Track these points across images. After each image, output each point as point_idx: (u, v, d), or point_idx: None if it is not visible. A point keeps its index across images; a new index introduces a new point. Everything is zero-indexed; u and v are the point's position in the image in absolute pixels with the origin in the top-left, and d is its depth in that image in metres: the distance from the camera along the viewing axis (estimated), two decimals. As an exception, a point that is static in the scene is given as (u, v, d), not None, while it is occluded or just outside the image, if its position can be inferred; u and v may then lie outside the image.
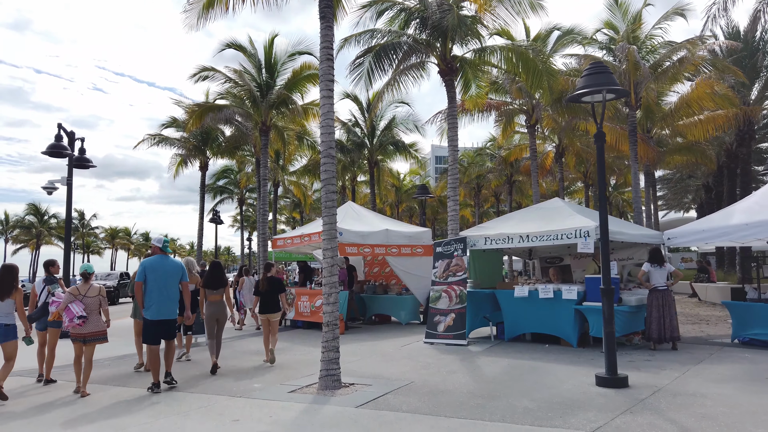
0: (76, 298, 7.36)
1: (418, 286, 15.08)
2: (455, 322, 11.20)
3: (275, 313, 9.65)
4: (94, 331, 7.42)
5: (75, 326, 7.24)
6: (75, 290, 7.48)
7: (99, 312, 7.53)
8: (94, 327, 7.42)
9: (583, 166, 29.19)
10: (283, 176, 28.01)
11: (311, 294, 14.49)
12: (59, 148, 13.63)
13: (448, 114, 12.71)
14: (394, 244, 14.74)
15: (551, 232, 10.63)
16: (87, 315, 7.32)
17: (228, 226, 60.46)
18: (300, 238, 15.11)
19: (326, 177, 7.73)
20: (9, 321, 7.08)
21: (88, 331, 7.34)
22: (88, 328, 7.32)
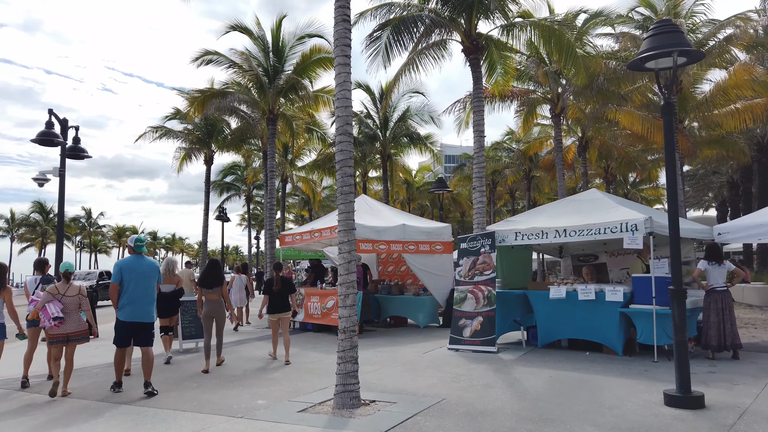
0: (54, 298, 7.12)
1: (438, 286, 13.93)
2: (483, 327, 10.04)
3: (287, 312, 9.60)
4: (75, 330, 7.18)
5: (52, 327, 7.01)
6: (54, 289, 7.22)
7: (79, 311, 7.28)
8: (75, 327, 7.18)
9: (604, 161, 27.90)
10: (291, 171, 26.91)
11: (322, 294, 13.37)
12: (50, 136, 12.54)
13: (474, 96, 11.56)
14: (412, 241, 13.59)
15: (592, 225, 9.45)
16: (65, 315, 7.09)
17: (235, 224, 59.63)
18: (310, 234, 13.99)
19: (342, 158, 6.59)
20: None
21: (70, 331, 7.13)
22: (68, 328, 7.10)
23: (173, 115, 21.82)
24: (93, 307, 13.70)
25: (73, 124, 13.89)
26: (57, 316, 7.00)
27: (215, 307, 8.97)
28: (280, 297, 9.48)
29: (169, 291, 9.59)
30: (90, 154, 14.03)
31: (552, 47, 11.35)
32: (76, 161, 13.27)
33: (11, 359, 8.87)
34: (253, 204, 41.81)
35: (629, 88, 15.47)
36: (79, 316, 7.27)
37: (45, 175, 13.76)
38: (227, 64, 14.37)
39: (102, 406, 6.57)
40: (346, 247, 6.56)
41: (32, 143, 13.33)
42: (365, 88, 21.31)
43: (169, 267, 9.88)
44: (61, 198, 13.27)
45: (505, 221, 11.28)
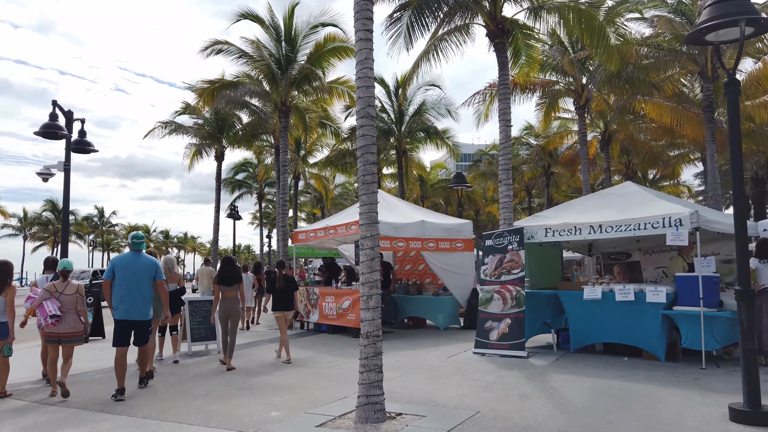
0: (52, 296, 6.99)
1: (458, 286, 13.26)
2: (511, 330, 9.35)
3: (290, 311, 9.57)
4: (70, 331, 7.01)
5: (48, 325, 6.86)
6: (52, 287, 7.07)
7: (77, 311, 7.12)
8: (70, 327, 7.00)
9: (625, 157, 27.01)
10: (303, 168, 26.29)
11: (337, 294, 12.74)
12: (54, 128, 12.01)
13: (500, 83, 10.84)
14: (431, 238, 12.91)
15: (631, 221, 8.73)
16: (63, 314, 6.93)
17: (247, 223, 59.21)
18: (324, 231, 13.36)
19: (364, 144, 5.94)
20: (2, 319, 6.77)
21: (64, 331, 6.95)
22: (63, 328, 6.92)
23: (183, 110, 21.30)
24: (99, 306, 13.17)
25: (79, 117, 13.35)
26: (54, 314, 6.84)
27: (233, 305, 8.87)
28: (283, 295, 9.45)
29: (171, 290, 9.15)
30: (96, 148, 13.47)
31: (582, 30, 10.61)
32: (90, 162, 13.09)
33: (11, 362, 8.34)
34: (264, 202, 41.29)
35: (660, 77, 14.69)
36: (75, 316, 7.09)
37: (50, 170, 13.24)
38: (237, 54, 13.76)
39: (99, 417, 5.97)
40: (369, 242, 5.90)
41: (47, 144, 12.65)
42: (380, 81, 20.61)
43: (168, 265, 9.48)
44: (66, 194, 12.72)
45: (534, 216, 10.58)
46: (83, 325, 7.18)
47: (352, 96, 15.53)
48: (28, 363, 9.28)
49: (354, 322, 11.97)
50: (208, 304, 10.74)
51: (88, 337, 12.63)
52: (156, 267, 7.25)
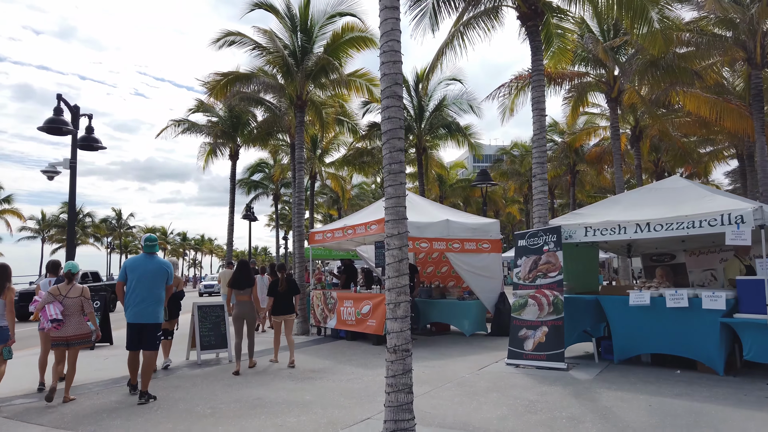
0: (56, 299, 6.89)
1: (485, 289, 12.41)
2: (549, 339, 8.49)
3: (291, 315, 9.40)
4: (76, 333, 6.93)
5: (51, 329, 6.82)
6: (56, 290, 6.98)
7: (81, 313, 7.02)
8: (76, 329, 6.92)
9: (653, 154, 25.90)
10: (320, 167, 25.58)
11: (356, 299, 11.97)
12: (58, 123, 11.43)
13: (533, 69, 9.99)
14: (456, 238, 12.10)
15: (683, 218, 7.83)
16: (66, 317, 6.86)
17: (263, 225, 58.77)
18: (342, 231, 12.60)
19: (391, 128, 5.16)
20: (1, 323, 6.49)
21: (70, 334, 6.88)
22: (68, 331, 6.86)
23: (197, 108, 20.73)
24: (106, 312, 12.54)
25: (86, 113, 12.77)
26: (55, 318, 6.75)
27: (246, 309, 8.84)
28: (284, 298, 9.31)
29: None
30: (104, 145, 12.90)
31: (622, 10, 9.72)
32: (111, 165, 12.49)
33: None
34: (281, 203, 40.72)
35: (701, 66, 13.70)
36: (80, 319, 6.98)
37: (55, 168, 12.66)
38: (251, 46, 13.07)
39: (91, 442, 5.25)
40: (396, 242, 5.11)
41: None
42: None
43: None
44: (72, 192, 12.14)
45: (571, 214, 9.70)
46: (89, 327, 7.09)
47: (371, 90, 14.79)
48: (24, 373, 8.64)
49: (374, 328, 11.20)
50: (219, 309, 10.05)
51: (95, 344, 12.02)
52: (168, 271, 7.16)
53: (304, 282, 14.37)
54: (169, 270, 7.20)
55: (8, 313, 6.56)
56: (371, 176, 30.85)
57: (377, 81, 14.89)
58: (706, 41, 12.28)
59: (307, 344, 11.82)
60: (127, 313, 6.86)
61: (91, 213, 60.82)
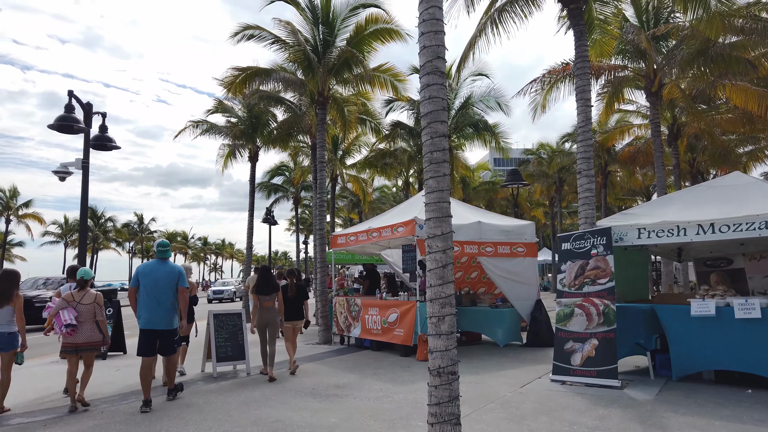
0: (69, 305, 6.86)
1: (520, 296, 11.57)
2: (599, 352, 7.62)
3: (300, 321, 9.27)
4: (88, 341, 6.87)
5: (64, 335, 6.74)
6: (69, 296, 6.93)
7: (94, 321, 6.96)
8: (87, 337, 6.87)
9: (688, 155, 24.68)
10: (341, 169, 24.89)
11: (382, 306, 11.20)
12: (69, 121, 10.89)
13: (576, 55, 9.14)
14: (489, 241, 11.29)
15: (754, 218, 6.97)
16: (79, 324, 6.81)
17: (284, 229, 58.38)
18: (366, 234, 11.86)
19: (432, 109, 4.40)
20: (10, 329, 6.65)
21: (81, 341, 6.82)
22: (80, 338, 6.81)
23: (215, 109, 20.21)
24: (119, 319, 11.95)
25: (99, 111, 12.24)
26: (70, 323, 6.70)
27: (271, 315, 8.69)
28: (294, 304, 9.13)
29: None
30: (118, 145, 12.35)
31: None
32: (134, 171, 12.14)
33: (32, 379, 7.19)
34: (301, 207, 40.17)
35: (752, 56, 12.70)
36: (92, 326, 6.94)
37: (67, 168, 12.14)
38: (271, 39, 12.44)
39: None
40: (439, 243, 4.35)
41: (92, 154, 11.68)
42: (423, 72, 19.04)
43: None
44: (84, 193, 11.60)
45: (621, 214, 8.83)
46: (102, 335, 7.01)
47: (395, 86, 14.04)
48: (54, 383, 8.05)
49: (402, 338, 10.42)
50: (236, 317, 9.37)
51: (107, 353, 11.44)
52: (180, 275, 6.99)
53: (326, 288, 13.63)
54: (182, 274, 7.02)
55: (18, 320, 6.68)
56: (393, 179, 30.01)
57: (402, 76, 14.16)
58: (762, 27, 11.28)
59: (329, 355, 11.09)
60: (139, 319, 6.73)
61: (112, 218, 61.00)
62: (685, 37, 12.82)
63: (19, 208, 42.38)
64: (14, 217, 42.37)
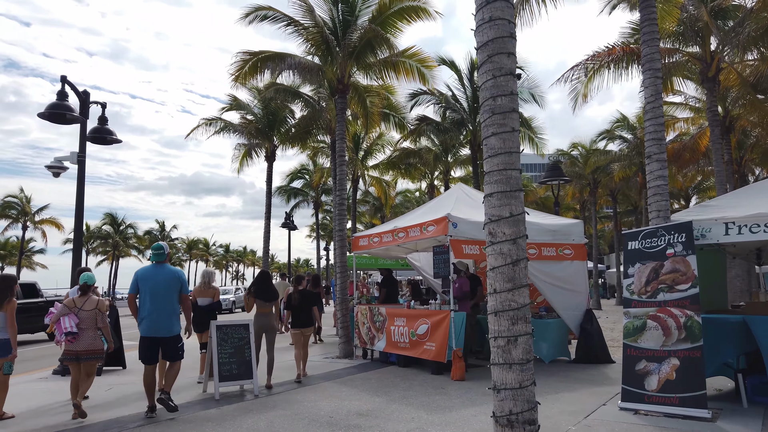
0: (71, 311, 6.69)
1: (568, 305, 10.15)
2: (681, 375, 6.17)
3: (309, 328, 9.06)
4: (88, 349, 6.66)
5: (65, 342, 6.60)
6: (71, 302, 6.78)
7: (96, 328, 6.76)
8: (88, 345, 6.67)
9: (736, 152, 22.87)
10: (363, 170, 23.64)
11: (410, 316, 9.86)
12: (62, 109, 9.83)
13: (642, 18, 7.72)
14: (533, 242, 9.87)
15: None
16: (81, 331, 6.64)
17: (305, 236, 57.47)
18: (392, 235, 10.54)
19: (495, 36, 3.05)
20: (2, 336, 6.46)
21: (82, 349, 6.62)
22: (80, 345, 6.61)
23: (231, 106, 19.18)
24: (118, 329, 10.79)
25: (99, 100, 11.19)
26: (70, 330, 6.51)
27: (267, 321, 8.44)
28: (301, 311, 8.94)
29: (205, 304, 8.65)
30: (118, 138, 11.29)
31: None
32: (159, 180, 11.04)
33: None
34: (322, 213, 39.05)
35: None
36: (94, 333, 6.72)
37: (61, 163, 11.08)
38: (285, 21, 11.27)
39: None
40: (507, 228, 3.13)
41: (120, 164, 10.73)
42: (450, 65, 17.68)
43: (206, 279, 8.94)
44: (80, 189, 10.51)
45: (700, 207, 7.40)
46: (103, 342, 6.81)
47: (423, 73, 12.72)
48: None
49: (434, 353, 9.06)
50: (242, 329, 8.12)
51: (102, 368, 10.26)
52: (180, 280, 6.70)
53: (347, 295, 12.33)
54: (182, 279, 6.75)
55: (9, 327, 6.46)
56: (417, 181, 28.66)
57: (430, 62, 12.83)
58: None
59: (350, 371, 9.77)
60: (140, 325, 6.49)
61: (132, 224, 60.59)
62: (751, 12, 11.31)
63: (35, 213, 42.07)
64: (31, 223, 42.03)
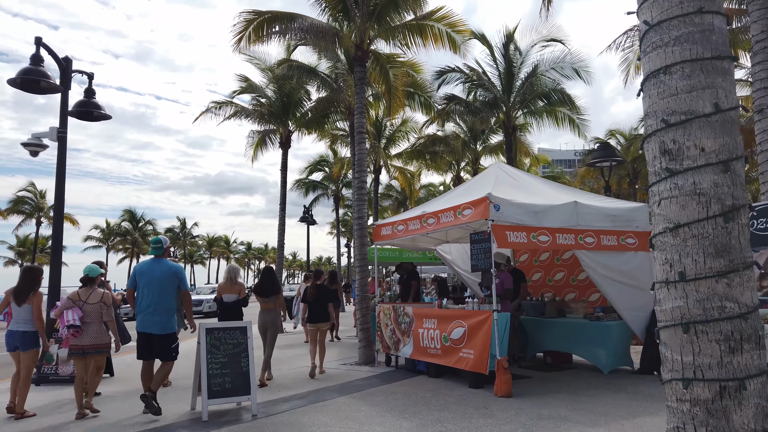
0: (75, 305, 6.45)
1: (632, 305, 8.48)
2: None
3: (325, 323, 9.03)
4: (94, 343, 6.45)
5: (69, 336, 6.37)
6: (75, 295, 6.55)
7: (101, 321, 6.53)
8: (94, 339, 6.45)
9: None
10: (385, 159, 22.02)
11: (442, 317, 8.27)
12: (36, 75, 8.46)
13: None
14: (590, 229, 8.21)
15: None
16: (85, 325, 6.40)
17: (326, 233, 56.14)
18: (419, 221, 8.94)
19: None
20: (28, 328, 6.45)
21: (87, 344, 6.41)
22: (85, 340, 6.40)
23: (243, 89, 17.77)
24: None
25: (84, 70, 9.83)
26: (72, 324, 6.31)
27: (271, 317, 8.43)
28: (317, 306, 9.04)
29: (231, 301, 8.30)
30: (107, 114, 9.93)
31: None
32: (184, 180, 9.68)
33: None
34: (343, 208, 37.61)
35: None
36: (99, 327, 6.57)
37: (40, 140, 9.71)
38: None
39: None
40: (708, 136, 1.44)
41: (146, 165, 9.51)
42: (480, 38, 15.90)
43: (231, 275, 8.57)
44: (61, 169, 9.13)
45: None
46: (109, 336, 6.70)
47: (453, 40, 11.08)
48: None
49: (472, 362, 7.46)
50: (239, 333, 6.64)
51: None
52: (177, 276, 6.48)
53: (368, 292, 10.77)
54: (180, 274, 6.50)
55: (36, 320, 6.46)
56: (443, 173, 26.94)
57: (461, 26, 11.18)
58: None
59: (371, 382, 8.23)
60: (137, 321, 6.36)
61: (151, 221, 59.94)
62: None
63: (50, 209, 41.37)
64: (45, 218, 41.37)
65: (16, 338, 6.40)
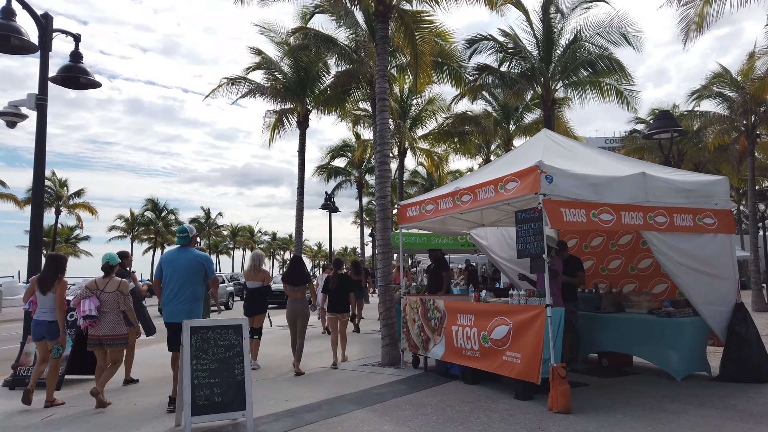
0: (92, 294, 6.44)
1: (710, 298, 7.05)
2: None
3: (345, 313, 9.01)
4: (110, 333, 6.39)
5: (86, 326, 6.31)
6: (92, 284, 6.57)
7: (119, 311, 6.49)
8: (110, 329, 6.39)
9: None
10: (411, 140, 20.56)
11: (480, 312, 6.90)
12: (7, 30, 7.30)
13: None
14: (659, 206, 6.76)
15: None
16: (102, 314, 6.37)
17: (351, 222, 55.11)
18: (452, 198, 7.56)
19: None
20: (54, 317, 6.33)
21: (103, 334, 6.37)
22: (102, 330, 6.36)
23: (258, 65, 16.52)
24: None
25: (69, 30, 8.67)
26: (89, 314, 6.24)
27: (299, 306, 8.38)
28: (338, 296, 8.90)
29: (255, 287, 8.65)
30: (97, 81, 8.77)
31: None
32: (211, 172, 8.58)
33: None
34: (366, 196, 36.29)
35: None
36: (117, 317, 6.46)
37: (18, 109, 8.56)
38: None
39: None
40: None
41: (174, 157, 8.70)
42: (515, 3, 14.27)
43: (255, 262, 8.93)
44: (41, 139, 8.00)
45: None
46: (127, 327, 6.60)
47: (490, -2, 9.59)
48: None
49: (519, 369, 6.10)
50: (231, 333, 5.38)
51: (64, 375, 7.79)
52: (204, 264, 6.13)
53: (391, 283, 9.44)
54: (206, 263, 6.20)
55: (58, 309, 6.35)
56: (472, 156, 25.41)
57: (498, -24, 9.72)
58: None
59: (396, 390, 6.93)
60: (163, 312, 6.09)
61: (174, 211, 59.54)
62: None
63: (70, 197, 41.02)
64: (65, 207, 40.95)
65: (43, 328, 6.31)
